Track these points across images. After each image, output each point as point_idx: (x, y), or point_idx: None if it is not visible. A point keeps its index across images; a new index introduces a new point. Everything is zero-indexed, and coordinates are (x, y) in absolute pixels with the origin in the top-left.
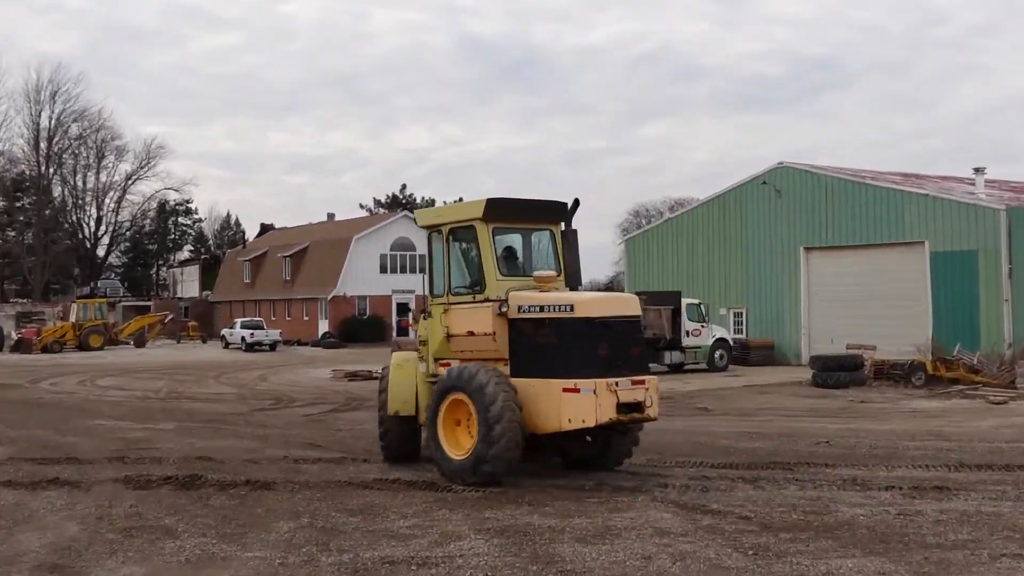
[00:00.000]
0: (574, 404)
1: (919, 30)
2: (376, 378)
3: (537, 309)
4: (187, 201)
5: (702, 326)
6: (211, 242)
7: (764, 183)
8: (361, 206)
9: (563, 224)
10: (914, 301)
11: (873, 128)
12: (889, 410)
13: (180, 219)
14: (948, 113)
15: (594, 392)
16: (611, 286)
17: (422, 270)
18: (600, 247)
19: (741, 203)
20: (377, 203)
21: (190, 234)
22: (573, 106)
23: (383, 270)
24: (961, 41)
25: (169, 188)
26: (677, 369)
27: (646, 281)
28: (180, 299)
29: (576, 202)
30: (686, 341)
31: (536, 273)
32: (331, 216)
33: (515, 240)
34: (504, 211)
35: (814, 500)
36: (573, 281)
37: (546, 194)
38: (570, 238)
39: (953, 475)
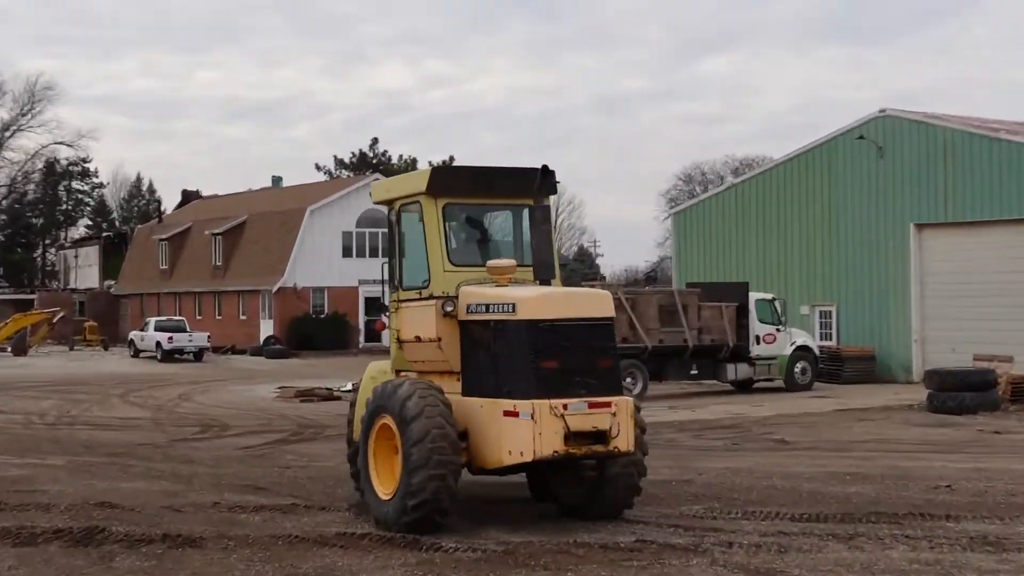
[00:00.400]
0: (514, 432)
1: None
2: (337, 398)
3: (483, 309)
4: (84, 160)
5: (777, 330)
6: (115, 215)
7: (861, 137)
8: (318, 168)
9: (534, 200)
10: None
11: (1010, 64)
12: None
13: (74, 184)
14: None
15: (531, 417)
16: (653, 276)
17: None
18: (639, 224)
19: (830, 165)
20: (340, 164)
21: (88, 204)
22: (604, 35)
23: (347, 253)
24: None
25: (60, 143)
26: (745, 387)
27: (701, 269)
28: (74, 291)
29: (545, 169)
30: (756, 350)
31: (490, 263)
32: (277, 181)
33: (490, 219)
34: (455, 182)
35: (931, 565)
36: (543, 272)
37: (567, 154)
38: (538, 217)
39: None
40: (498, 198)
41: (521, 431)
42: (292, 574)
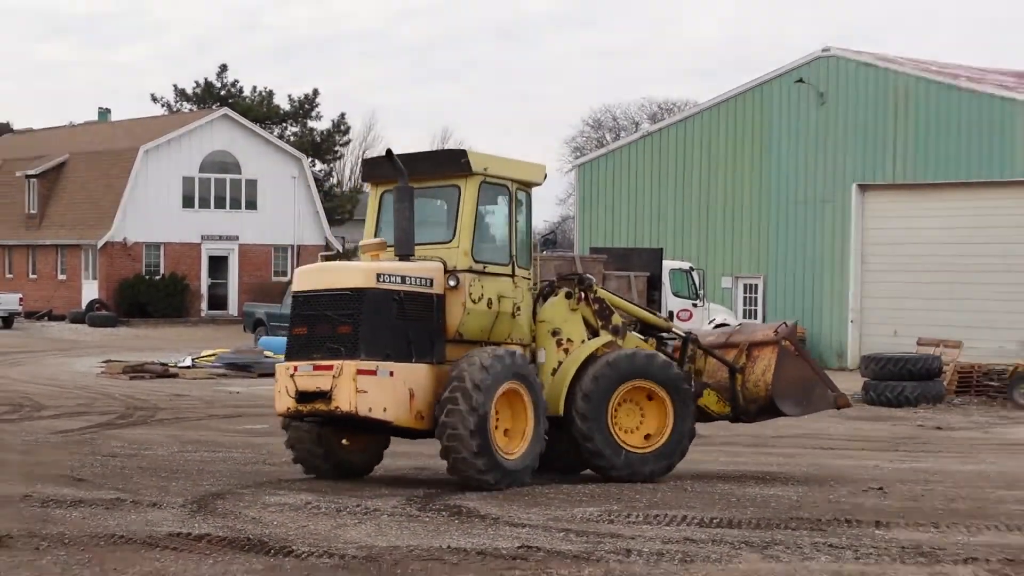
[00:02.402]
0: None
1: None
2: (173, 375)
3: None
4: None
5: (695, 305)
6: None
7: (800, 81)
8: (155, 99)
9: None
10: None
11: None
12: (977, 441)
13: None
14: None
15: (275, 377)
16: (551, 238)
17: (250, 204)
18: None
19: (763, 113)
20: (181, 94)
21: None
22: None
23: (188, 203)
24: None
25: None
26: None
27: (608, 231)
28: None
29: (389, 153)
30: None
31: (361, 242)
32: (104, 114)
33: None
34: (384, 171)
35: None
36: (400, 248)
37: (455, 89)
38: (395, 197)
39: None
40: (424, 182)
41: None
42: None
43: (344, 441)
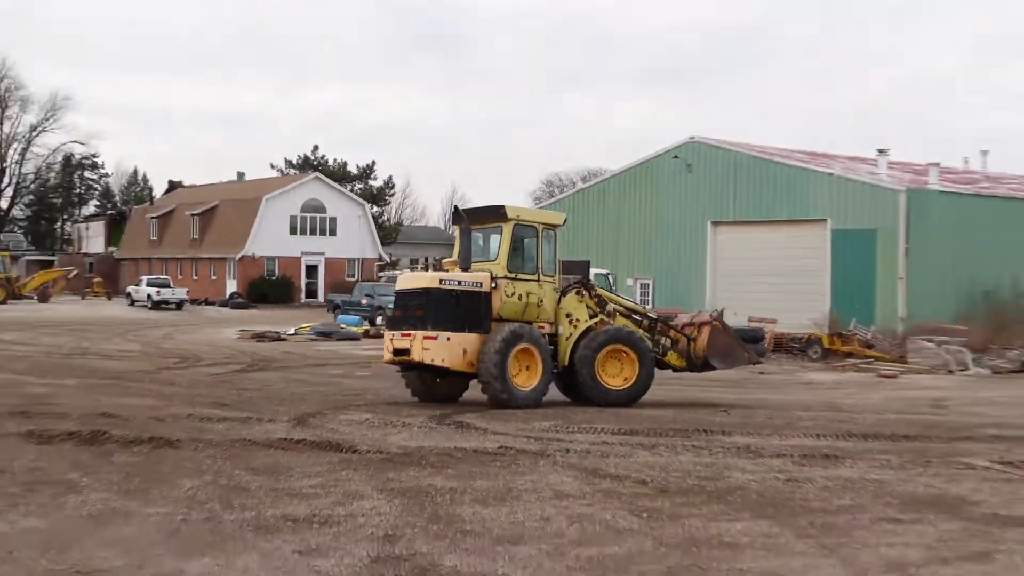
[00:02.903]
0: None
1: (833, 11)
2: (284, 339)
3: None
4: (93, 155)
5: None
6: (117, 198)
7: (676, 157)
8: (272, 166)
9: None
10: (814, 277)
11: (787, 106)
12: (786, 382)
13: (86, 173)
14: (858, 94)
15: (384, 340)
16: None
17: (331, 232)
18: None
19: (653, 175)
20: (289, 163)
21: (96, 189)
22: (493, 75)
23: (293, 231)
24: (873, 22)
25: (75, 141)
26: None
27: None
28: (85, 255)
29: (455, 208)
30: None
31: (444, 260)
32: (241, 175)
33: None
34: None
35: (708, 466)
36: (462, 264)
37: (462, 163)
38: (461, 233)
39: (842, 444)
40: (485, 224)
41: None
42: (246, 467)
43: (438, 380)
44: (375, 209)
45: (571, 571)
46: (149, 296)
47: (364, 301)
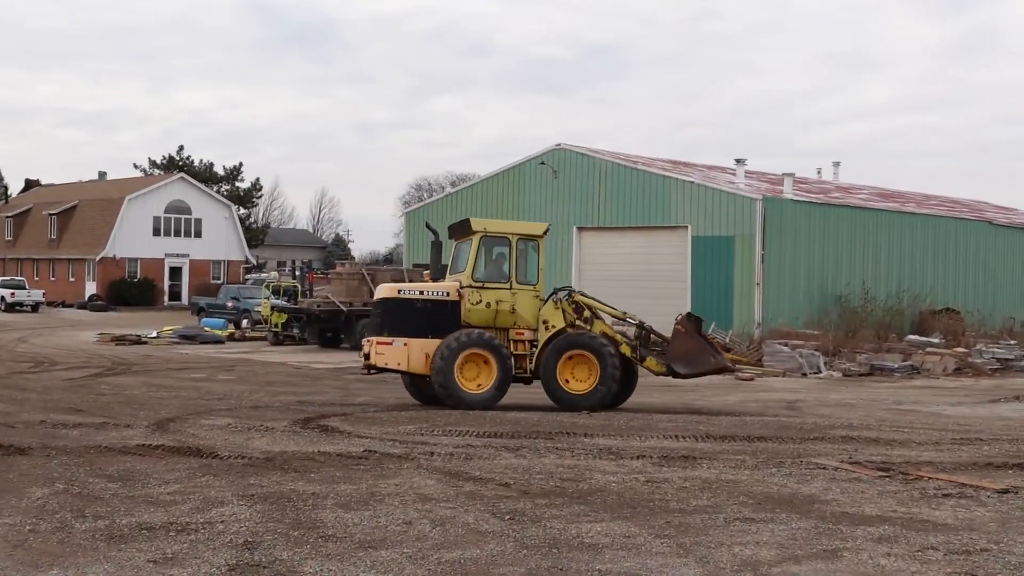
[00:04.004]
0: None
1: (695, 25)
2: (144, 343)
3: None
4: None
5: None
6: None
7: (543, 163)
8: (136, 166)
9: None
10: (676, 282)
11: (652, 115)
12: (646, 384)
13: None
14: (718, 105)
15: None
16: (389, 258)
17: (197, 234)
18: (381, 219)
19: (520, 181)
20: (153, 164)
21: None
22: (361, 76)
23: (156, 232)
24: (734, 38)
25: None
26: None
27: (426, 254)
28: None
29: (427, 224)
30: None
31: (424, 272)
32: (103, 174)
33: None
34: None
35: (571, 468)
36: (433, 275)
37: (330, 164)
38: (432, 248)
39: (700, 445)
40: (462, 238)
41: None
42: (100, 475)
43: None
44: (242, 211)
45: (432, 575)
46: (2, 298)
47: (230, 304)
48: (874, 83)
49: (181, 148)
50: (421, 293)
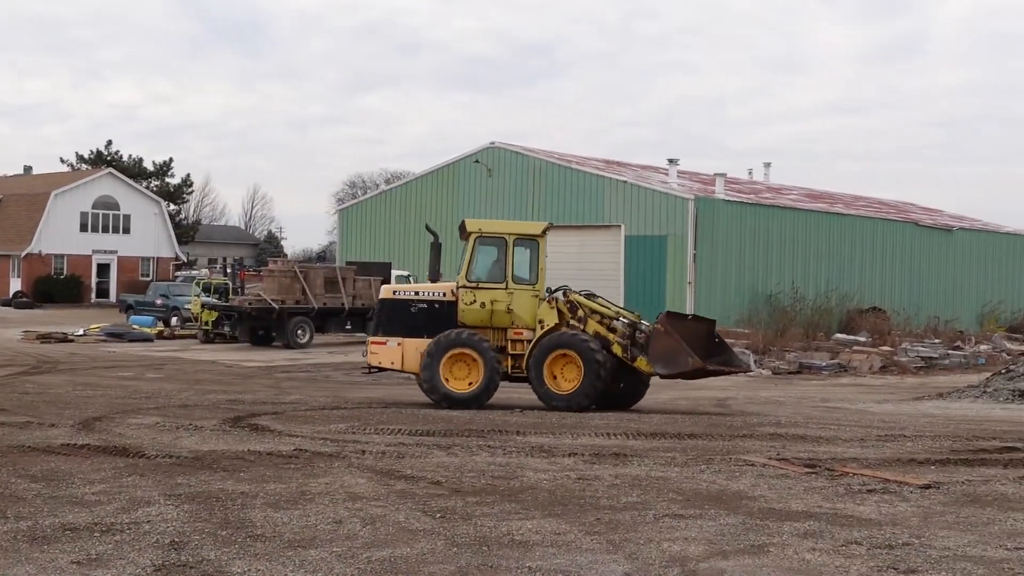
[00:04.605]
0: None
1: (629, 24)
2: (71, 341)
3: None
4: None
5: None
6: None
7: (477, 161)
8: (62, 160)
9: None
10: (610, 281)
11: (586, 114)
12: None
13: None
14: (652, 105)
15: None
16: (323, 255)
17: (125, 230)
18: (315, 216)
19: (455, 179)
20: (81, 158)
21: None
22: (293, 72)
23: (83, 228)
24: (668, 38)
25: None
26: None
27: (359, 252)
28: None
29: (427, 226)
30: None
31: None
32: (28, 169)
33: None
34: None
35: (503, 466)
36: (431, 276)
37: (263, 160)
38: (431, 249)
39: (631, 443)
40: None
41: None
42: (23, 475)
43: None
44: (172, 207)
45: (362, 574)
46: None
47: (159, 301)
48: (804, 86)
49: (109, 143)
50: (417, 294)
